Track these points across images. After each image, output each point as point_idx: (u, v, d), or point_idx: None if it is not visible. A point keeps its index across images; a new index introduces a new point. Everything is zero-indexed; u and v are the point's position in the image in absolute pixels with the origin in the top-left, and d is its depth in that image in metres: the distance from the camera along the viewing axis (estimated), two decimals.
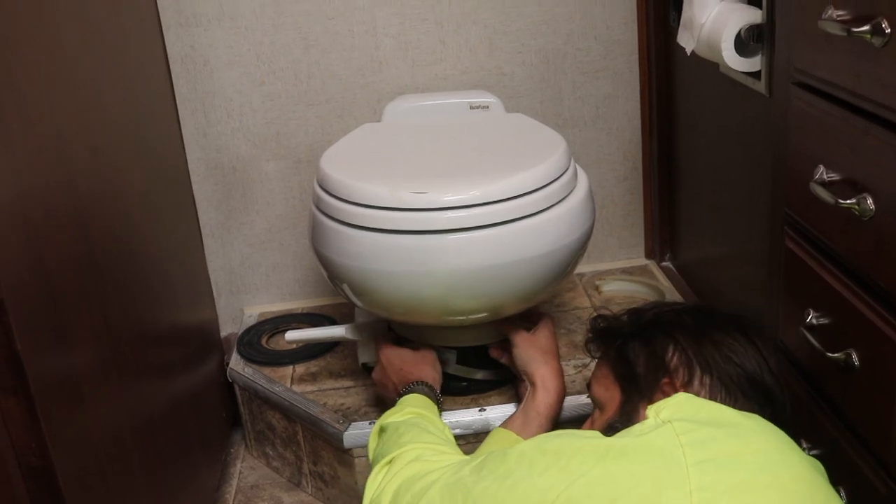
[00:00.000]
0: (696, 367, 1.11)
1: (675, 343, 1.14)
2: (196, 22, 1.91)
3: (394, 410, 1.38)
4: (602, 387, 1.21)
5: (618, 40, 2.02)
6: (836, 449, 1.13)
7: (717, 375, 1.11)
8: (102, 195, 1.26)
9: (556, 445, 0.98)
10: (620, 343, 1.20)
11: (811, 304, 1.15)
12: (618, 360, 1.19)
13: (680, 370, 1.12)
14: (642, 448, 0.93)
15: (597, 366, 1.26)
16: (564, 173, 1.50)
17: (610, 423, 1.14)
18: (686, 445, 0.90)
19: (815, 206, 1.11)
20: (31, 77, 1.04)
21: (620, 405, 1.15)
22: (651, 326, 1.19)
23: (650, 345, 1.16)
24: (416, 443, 1.23)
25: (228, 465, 1.89)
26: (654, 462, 0.90)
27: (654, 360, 1.14)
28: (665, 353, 1.14)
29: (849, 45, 1.00)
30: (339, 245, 1.46)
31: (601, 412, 1.20)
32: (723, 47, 1.41)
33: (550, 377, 1.48)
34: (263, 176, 2.04)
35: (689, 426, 0.94)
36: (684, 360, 1.12)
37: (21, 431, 0.94)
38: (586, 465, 0.92)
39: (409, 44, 1.97)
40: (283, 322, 2.05)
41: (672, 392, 1.09)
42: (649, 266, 2.19)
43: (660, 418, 0.96)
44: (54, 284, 1.03)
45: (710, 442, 0.92)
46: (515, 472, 0.97)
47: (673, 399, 1.01)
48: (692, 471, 0.88)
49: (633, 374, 1.15)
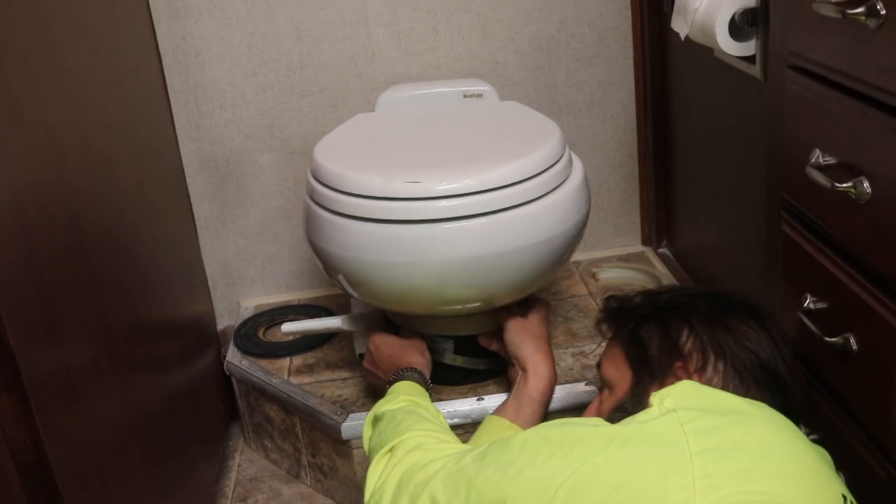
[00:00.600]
0: (710, 353, 1.11)
1: (690, 327, 1.14)
2: (187, 14, 1.89)
3: (386, 399, 1.37)
4: (613, 367, 1.21)
5: (611, 27, 2.01)
6: (834, 433, 1.13)
7: (730, 362, 1.10)
8: (95, 190, 1.25)
9: (560, 434, 0.98)
10: (634, 325, 1.19)
11: (808, 288, 1.15)
12: (631, 341, 1.19)
13: (694, 355, 1.12)
14: (646, 436, 0.93)
15: (608, 346, 1.26)
16: (559, 161, 1.50)
17: (620, 404, 1.14)
18: (690, 434, 0.90)
19: (812, 191, 1.11)
20: (20, 72, 1.04)
21: (631, 387, 1.15)
22: (666, 310, 1.19)
23: (665, 328, 1.15)
24: (415, 430, 1.23)
25: (227, 457, 1.89)
26: (658, 450, 0.90)
27: (667, 343, 1.14)
28: (679, 337, 1.14)
29: (843, 27, 1.00)
30: (334, 236, 1.46)
31: (610, 392, 1.20)
32: (717, 32, 1.40)
33: (542, 363, 1.47)
34: (257, 168, 2.03)
35: (694, 414, 0.93)
36: (698, 345, 1.12)
37: (15, 428, 0.94)
38: (589, 453, 0.92)
39: (402, 33, 1.97)
40: (280, 314, 2.05)
41: (685, 377, 1.09)
42: (646, 253, 2.18)
43: (664, 406, 0.96)
44: (47, 280, 1.02)
45: (714, 430, 0.92)
46: (519, 461, 0.98)
47: (677, 386, 1.01)
48: (696, 459, 0.88)
49: (645, 357, 1.15)
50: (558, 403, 1.57)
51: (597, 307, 1.93)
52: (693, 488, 0.86)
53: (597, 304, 1.95)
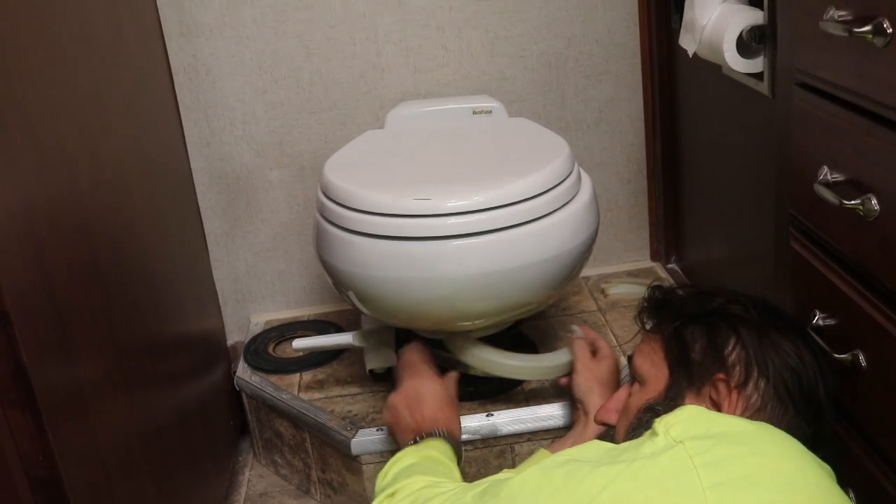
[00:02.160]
0: (753, 369, 1.08)
1: (738, 338, 1.10)
2: (198, 32, 1.91)
3: (406, 451, 1.29)
4: (649, 362, 1.18)
5: (619, 43, 2.02)
6: (844, 450, 1.13)
7: (773, 382, 1.07)
8: (107, 206, 1.26)
9: (564, 472, 0.93)
10: (679, 323, 1.16)
11: (817, 305, 1.15)
12: (673, 340, 1.15)
13: (737, 368, 1.09)
14: (654, 472, 0.89)
15: (644, 338, 1.23)
16: (568, 177, 1.50)
17: (651, 404, 1.12)
18: (700, 467, 0.87)
19: (820, 207, 1.11)
20: (33, 90, 1.05)
21: (666, 388, 1.13)
22: (716, 315, 1.15)
23: (712, 333, 1.12)
24: (424, 476, 1.18)
25: (237, 473, 1.89)
26: (667, 485, 0.87)
27: (712, 350, 1.11)
28: (725, 346, 1.11)
29: (851, 45, 1.00)
30: (344, 252, 1.46)
31: (642, 387, 1.17)
32: (725, 49, 1.41)
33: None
34: (267, 184, 2.04)
35: (703, 445, 0.90)
36: (743, 358, 1.09)
37: (28, 444, 0.94)
38: (595, 490, 0.89)
39: (411, 50, 1.98)
40: (290, 329, 2.06)
41: (725, 391, 1.07)
42: (655, 268, 2.18)
43: (670, 436, 0.92)
44: (59, 296, 1.03)
45: (726, 462, 0.89)
46: (519, 499, 0.94)
47: (682, 413, 0.97)
48: (709, 493, 0.85)
49: (686, 359, 1.12)
50: (566, 420, 1.57)
51: (605, 322, 1.93)
52: None
53: (606, 319, 1.95)
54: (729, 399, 1.07)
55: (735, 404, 1.07)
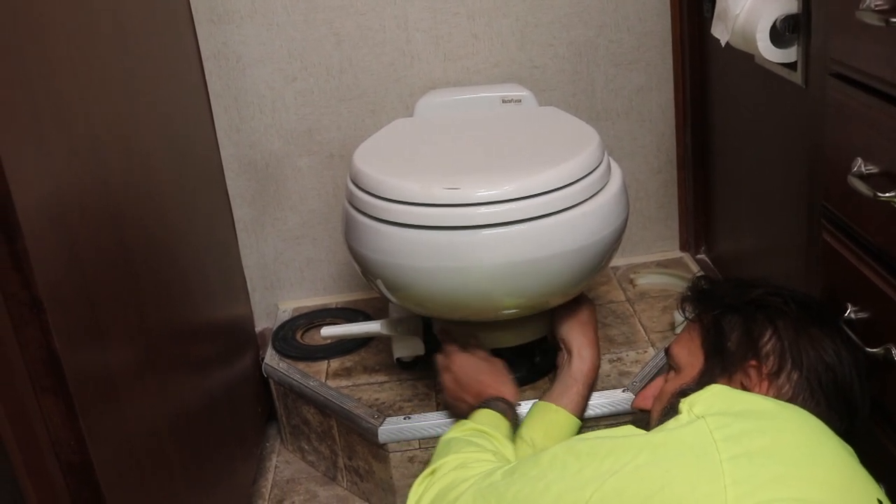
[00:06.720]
0: (787, 360, 1.09)
1: (775, 329, 1.12)
2: (228, 18, 1.91)
3: (457, 426, 1.37)
4: (686, 350, 1.20)
5: (650, 31, 2.00)
6: (875, 444, 1.12)
7: (805, 374, 1.08)
8: (137, 193, 1.27)
9: (589, 447, 0.97)
10: (719, 312, 1.18)
11: (850, 298, 1.14)
12: (711, 328, 1.17)
13: (771, 358, 1.10)
14: (674, 445, 0.92)
15: (686, 327, 1.24)
16: (598, 167, 1.50)
17: (684, 388, 1.13)
18: (719, 441, 0.89)
19: (854, 199, 1.10)
20: (66, 77, 1.05)
21: (700, 374, 1.14)
22: (754, 305, 1.16)
23: (749, 323, 1.14)
24: (462, 452, 1.23)
25: (264, 459, 1.90)
26: (687, 458, 0.90)
27: (748, 339, 1.12)
28: (762, 336, 1.12)
29: (887, 35, 0.99)
30: (373, 241, 1.46)
31: (677, 374, 1.19)
32: (758, 38, 1.39)
33: (586, 346, 1.53)
34: (296, 171, 2.05)
35: (724, 420, 0.92)
36: (778, 349, 1.10)
37: (60, 429, 0.95)
38: (618, 464, 0.92)
39: (441, 38, 1.97)
40: (318, 317, 2.06)
41: (756, 378, 1.08)
42: (684, 258, 2.17)
43: (693, 413, 0.95)
44: (90, 283, 1.04)
45: (745, 436, 0.91)
46: (548, 475, 0.97)
47: (707, 392, 0.99)
48: (726, 465, 0.87)
49: (721, 347, 1.14)
50: (595, 411, 1.57)
51: (634, 313, 1.92)
52: (725, 496, 0.85)
53: (634, 310, 1.94)
54: (759, 386, 1.09)
55: (765, 391, 1.08)
